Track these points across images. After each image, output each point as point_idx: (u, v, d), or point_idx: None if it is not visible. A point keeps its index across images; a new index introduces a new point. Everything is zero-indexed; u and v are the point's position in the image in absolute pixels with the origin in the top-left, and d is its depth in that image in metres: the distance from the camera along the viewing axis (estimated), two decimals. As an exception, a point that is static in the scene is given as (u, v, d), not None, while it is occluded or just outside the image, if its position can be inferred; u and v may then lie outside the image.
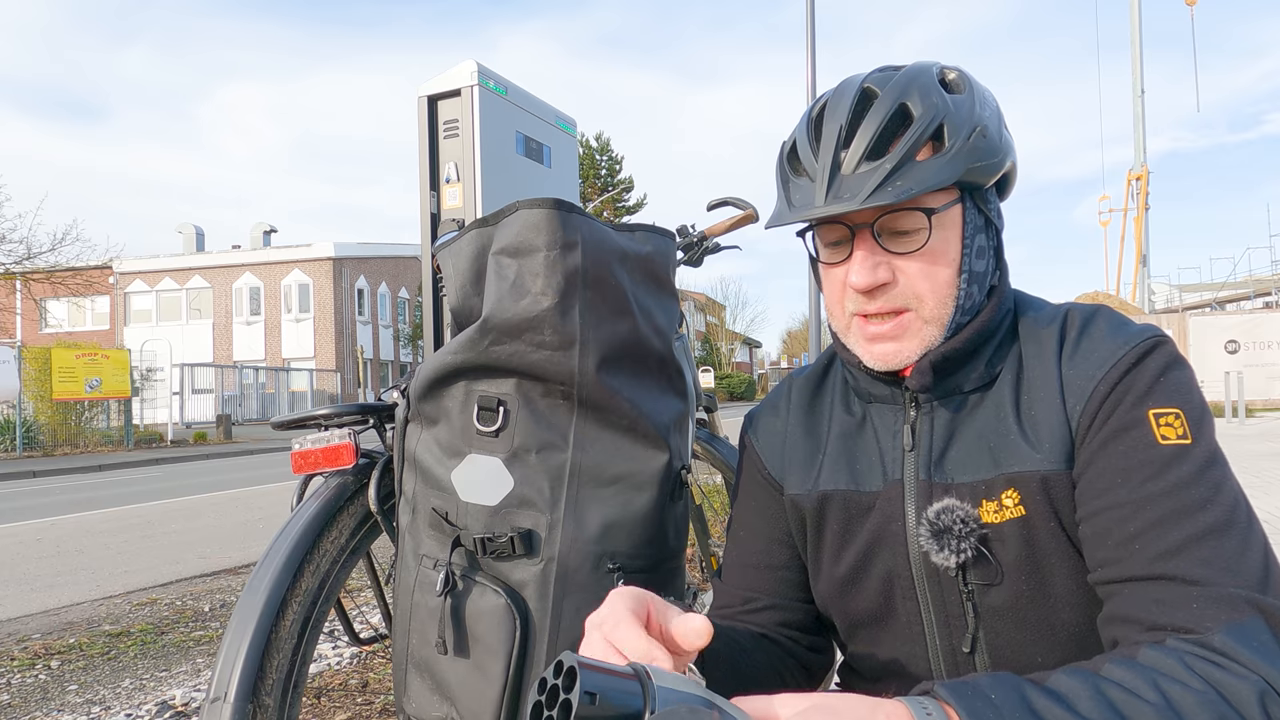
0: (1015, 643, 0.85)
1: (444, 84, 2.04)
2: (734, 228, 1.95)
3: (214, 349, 32.00)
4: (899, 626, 0.91)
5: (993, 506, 0.84)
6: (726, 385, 47.23)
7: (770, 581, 1.00)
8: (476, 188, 2.00)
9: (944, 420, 0.89)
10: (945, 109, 0.84)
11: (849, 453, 0.94)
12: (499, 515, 1.01)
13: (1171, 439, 0.78)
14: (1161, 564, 0.74)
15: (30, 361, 15.05)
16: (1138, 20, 16.15)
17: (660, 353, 1.08)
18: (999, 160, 0.87)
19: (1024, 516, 0.83)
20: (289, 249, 32.07)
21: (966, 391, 0.89)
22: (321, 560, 1.07)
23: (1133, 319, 0.88)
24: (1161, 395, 0.80)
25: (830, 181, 0.83)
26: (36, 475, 11.80)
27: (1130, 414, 0.80)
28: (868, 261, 0.85)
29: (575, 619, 1.01)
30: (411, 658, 1.05)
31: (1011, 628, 0.85)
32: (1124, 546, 0.76)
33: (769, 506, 1.01)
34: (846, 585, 0.94)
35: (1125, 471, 0.78)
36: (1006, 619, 0.85)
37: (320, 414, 1.16)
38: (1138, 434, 0.79)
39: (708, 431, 2.05)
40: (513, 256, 1.01)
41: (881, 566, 0.90)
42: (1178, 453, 0.77)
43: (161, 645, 3.23)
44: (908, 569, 0.88)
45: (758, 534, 1.01)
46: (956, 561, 0.84)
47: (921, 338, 0.87)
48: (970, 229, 0.87)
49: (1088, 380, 0.83)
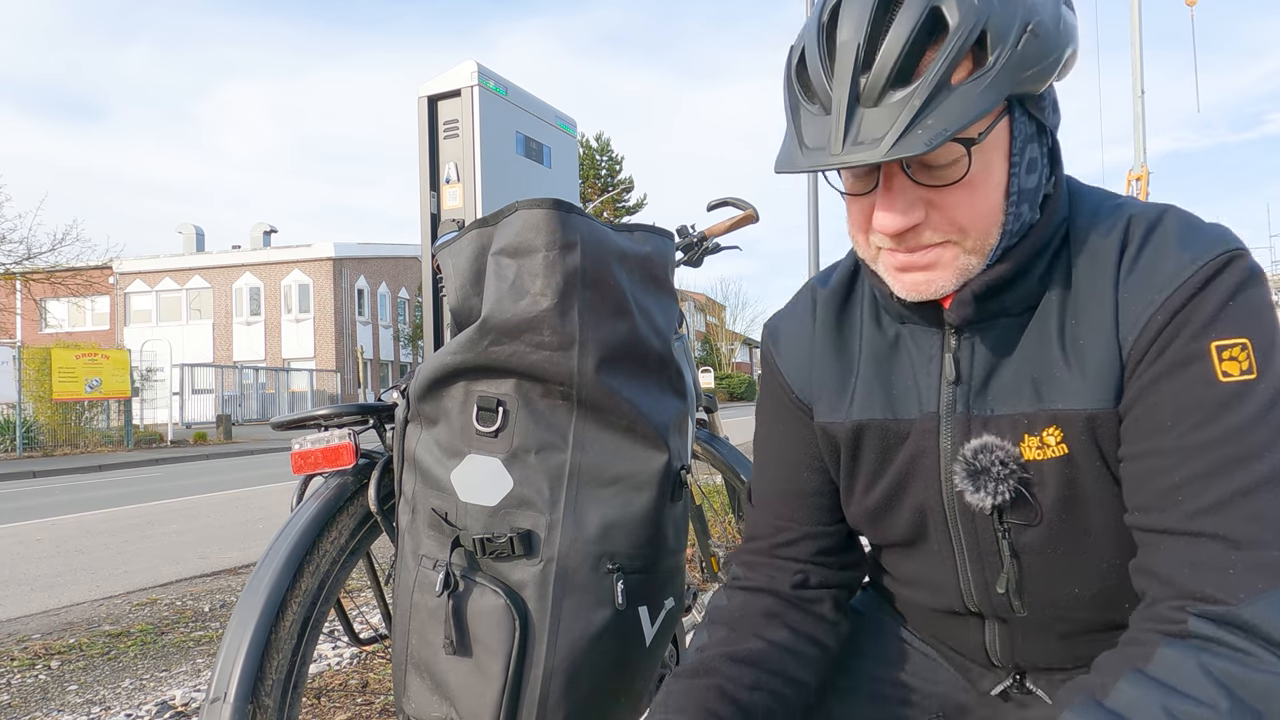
0: (1050, 579, 0.81)
1: (444, 84, 2.05)
2: (734, 228, 1.95)
3: (214, 349, 32.00)
4: (930, 555, 0.88)
5: (1034, 443, 0.77)
6: (726, 385, 47.23)
7: (803, 509, 0.94)
8: (476, 188, 2.00)
9: (985, 348, 0.80)
10: (987, 8, 0.68)
11: (883, 377, 0.87)
12: (498, 515, 1.01)
13: (1234, 375, 0.69)
14: (1203, 520, 0.68)
15: (30, 362, 15.05)
16: (1138, 20, 16.19)
17: (660, 353, 1.08)
18: (1056, 57, 0.72)
19: (1066, 455, 0.76)
20: (289, 249, 32.06)
21: (1011, 315, 0.80)
22: (321, 560, 1.07)
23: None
24: (1228, 324, 0.70)
25: (849, 119, 0.69)
26: (36, 475, 11.80)
27: (1189, 347, 0.71)
28: (898, 202, 0.73)
29: (574, 619, 1.01)
30: (411, 658, 1.05)
31: (1047, 565, 0.81)
32: (1166, 496, 0.70)
33: (798, 431, 0.94)
34: (878, 514, 0.89)
35: (1177, 414, 0.71)
36: (1043, 556, 0.80)
37: (320, 414, 1.16)
38: (1195, 370, 0.70)
39: (708, 431, 2.06)
40: (512, 257, 1.01)
41: (914, 499, 0.86)
42: (1239, 391, 0.69)
43: (161, 645, 3.23)
44: (940, 504, 0.84)
45: (785, 460, 0.95)
46: (993, 503, 0.78)
47: (958, 268, 0.77)
48: (1020, 141, 0.74)
49: (1145, 306, 0.73)
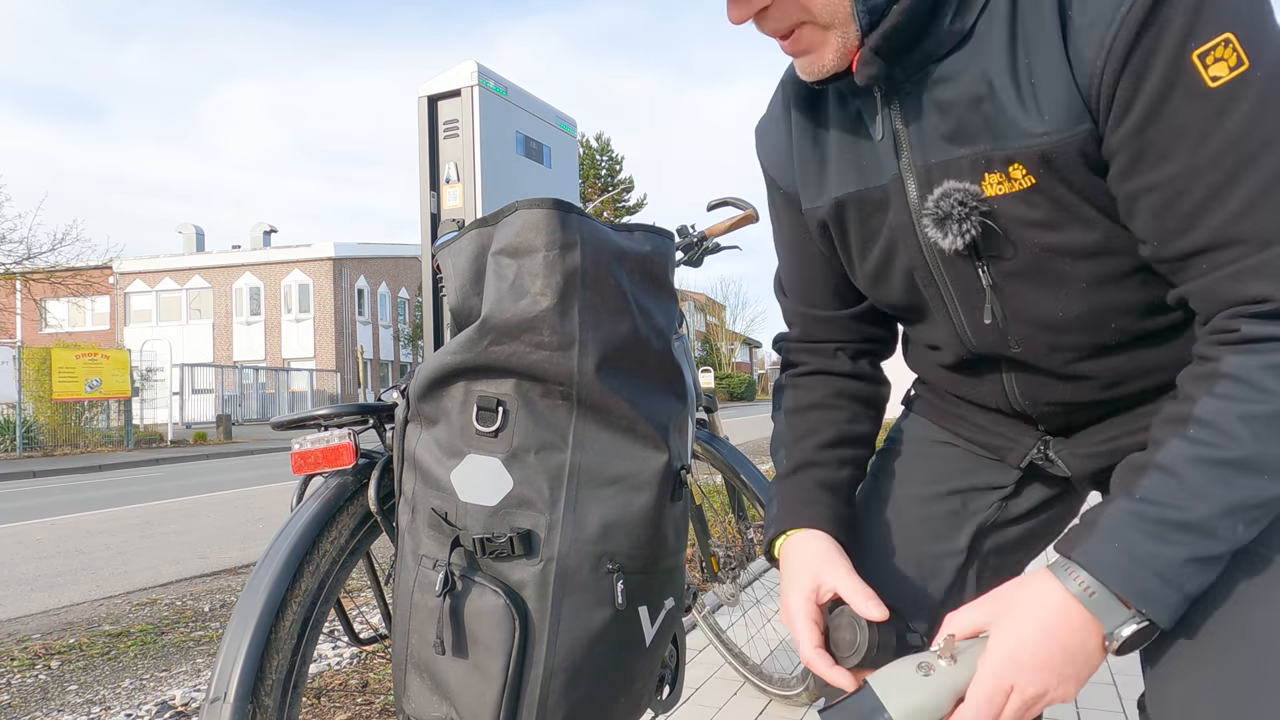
0: (1032, 306, 0.83)
1: (444, 84, 2.05)
2: (734, 228, 1.95)
3: (214, 349, 31.99)
4: (931, 309, 0.91)
5: (996, 179, 0.77)
6: (726, 385, 47.21)
7: (822, 294, 1.03)
8: (476, 188, 2.01)
9: (927, 98, 0.79)
10: None
11: (853, 151, 0.88)
12: (498, 515, 1.01)
13: (1224, 76, 0.65)
14: (1230, 229, 0.67)
15: (30, 362, 15.05)
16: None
17: (659, 353, 1.08)
18: None
19: (1034, 185, 0.75)
20: (289, 249, 32.06)
21: (942, 57, 0.77)
22: (321, 560, 1.07)
23: None
24: (1203, 24, 0.65)
25: None
26: (36, 475, 11.80)
27: (1169, 68, 0.66)
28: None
29: (574, 619, 1.01)
30: (411, 658, 1.05)
31: (1027, 292, 0.82)
32: (1190, 218, 0.69)
33: (796, 221, 1.00)
34: (877, 281, 0.93)
35: (1175, 138, 0.67)
36: (1022, 284, 0.82)
37: (320, 414, 1.16)
38: (1182, 88, 0.66)
39: (708, 431, 2.05)
40: (512, 257, 1.01)
41: (902, 259, 0.88)
42: (1232, 90, 0.65)
43: (161, 645, 3.23)
44: (923, 258, 0.86)
45: (796, 252, 1.02)
46: (963, 243, 0.80)
47: (829, 44, 0.77)
48: None
49: (1104, 25, 0.68)
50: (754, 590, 3.25)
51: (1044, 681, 0.67)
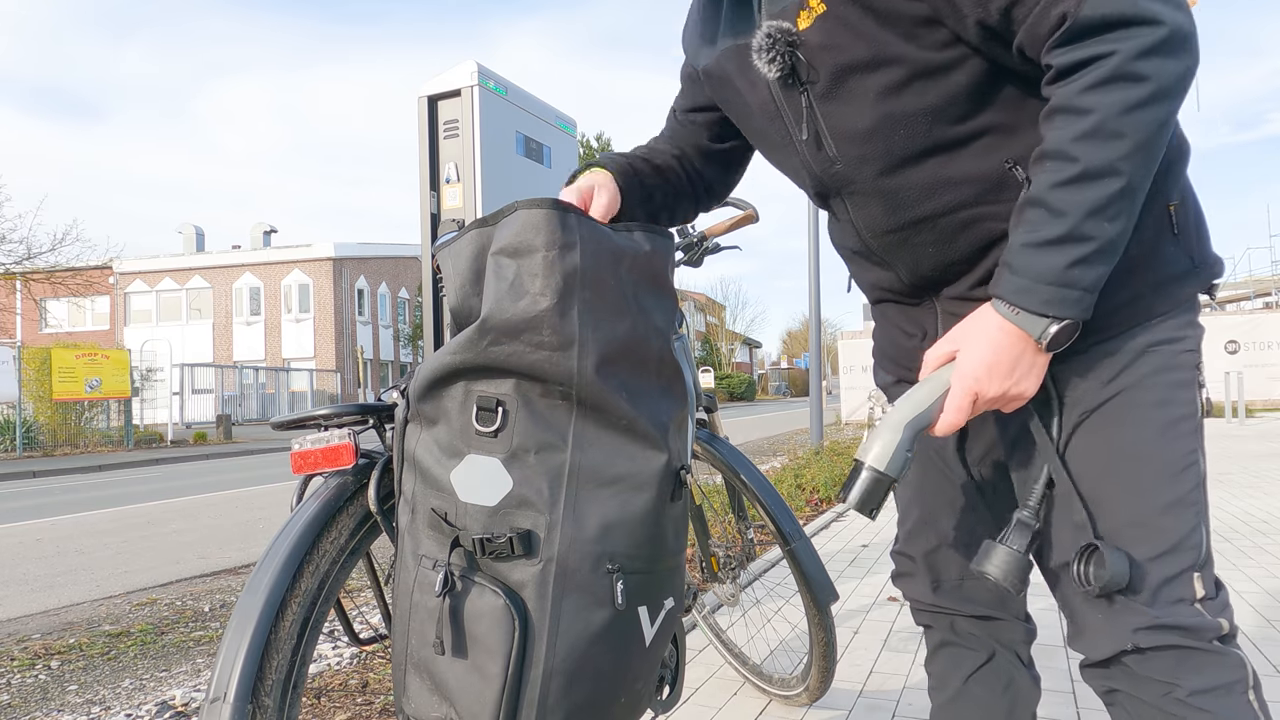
0: (840, 118, 0.97)
1: (444, 84, 2.05)
2: (734, 228, 1.95)
3: (214, 349, 32.00)
4: (783, 143, 1.06)
5: (805, 14, 0.94)
6: (726, 385, 47.20)
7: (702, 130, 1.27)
8: (476, 188, 2.01)
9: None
10: None
11: (735, 13, 1.05)
12: (498, 516, 1.01)
13: None
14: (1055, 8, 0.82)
15: (30, 362, 15.05)
16: (1138, 20, 16.23)
17: (659, 353, 1.08)
18: None
19: (826, 11, 0.92)
20: (289, 249, 32.06)
21: None
22: (321, 560, 1.07)
23: None
24: None
25: None
26: (36, 475, 11.80)
27: None
28: None
29: (574, 619, 1.01)
30: (410, 658, 1.05)
31: (834, 107, 0.96)
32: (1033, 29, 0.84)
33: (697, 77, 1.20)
34: (742, 119, 1.13)
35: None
36: (830, 102, 0.96)
37: (320, 414, 1.16)
38: None
39: (708, 431, 2.05)
40: (511, 257, 1.01)
41: (758, 97, 1.05)
42: None
43: (161, 645, 3.24)
44: (768, 93, 1.02)
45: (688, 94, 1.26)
46: (778, 72, 0.97)
47: None
48: None
49: None
50: (754, 590, 3.26)
51: (1001, 384, 0.89)
